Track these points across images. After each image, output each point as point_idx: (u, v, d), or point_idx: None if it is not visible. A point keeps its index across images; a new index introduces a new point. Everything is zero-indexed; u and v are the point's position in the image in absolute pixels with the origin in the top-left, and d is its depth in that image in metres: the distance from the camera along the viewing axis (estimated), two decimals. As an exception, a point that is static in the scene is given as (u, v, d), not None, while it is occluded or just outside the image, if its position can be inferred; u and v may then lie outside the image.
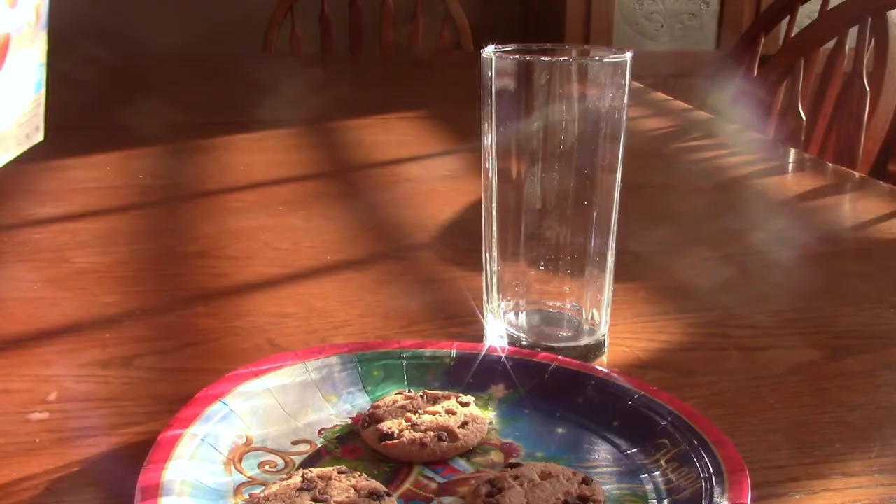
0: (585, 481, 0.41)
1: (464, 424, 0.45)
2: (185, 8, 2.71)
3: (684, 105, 1.45)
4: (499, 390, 0.50)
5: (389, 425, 0.45)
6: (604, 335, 0.56)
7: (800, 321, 0.63)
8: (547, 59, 0.51)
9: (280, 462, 0.44)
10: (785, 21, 1.51)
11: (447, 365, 0.51)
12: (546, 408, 0.48)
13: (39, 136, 0.48)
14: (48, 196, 0.91)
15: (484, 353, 0.51)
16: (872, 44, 1.31)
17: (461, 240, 0.78)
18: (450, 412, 0.46)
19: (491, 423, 0.47)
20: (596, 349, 0.56)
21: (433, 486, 0.42)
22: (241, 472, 0.42)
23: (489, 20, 2.67)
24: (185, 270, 0.72)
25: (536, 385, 0.49)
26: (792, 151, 1.18)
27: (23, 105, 0.47)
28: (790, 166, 1.11)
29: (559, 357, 0.51)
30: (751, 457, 0.43)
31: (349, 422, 0.47)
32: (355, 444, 0.45)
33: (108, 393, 0.52)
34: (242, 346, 0.58)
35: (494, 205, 0.54)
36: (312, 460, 0.44)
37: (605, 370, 0.50)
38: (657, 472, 0.42)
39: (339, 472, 0.41)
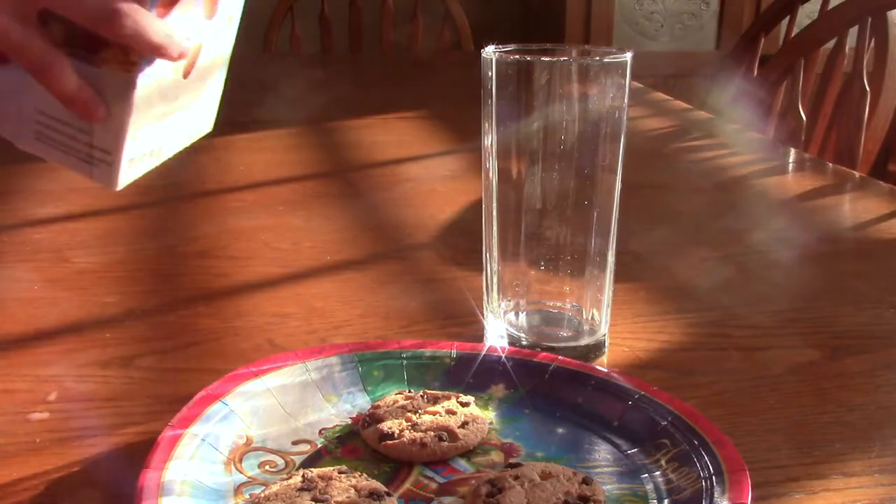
0: (586, 481, 0.41)
1: (464, 424, 0.45)
2: (185, 8, 2.71)
3: (684, 105, 1.45)
4: (499, 390, 0.50)
5: (390, 425, 0.45)
6: (604, 335, 0.56)
7: (800, 321, 0.63)
8: (547, 59, 0.51)
9: (280, 462, 0.44)
10: (785, 21, 1.51)
11: (447, 365, 0.51)
12: (546, 408, 0.48)
13: (209, 128, 0.50)
14: (48, 196, 0.91)
15: (484, 353, 0.51)
16: (872, 44, 1.31)
17: (461, 240, 0.78)
18: (450, 412, 0.46)
19: (491, 423, 0.47)
20: (596, 349, 0.56)
21: (433, 486, 0.42)
22: (241, 472, 0.42)
23: (489, 20, 2.67)
24: (185, 270, 0.72)
25: (537, 385, 0.49)
26: (792, 151, 1.18)
27: (203, 99, 0.49)
28: (790, 166, 1.11)
29: (559, 357, 0.51)
30: (751, 457, 0.43)
31: (349, 422, 0.47)
32: (355, 444, 0.45)
33: (108, 393, 0.52)
34: (242, 346, 0.58)
35: (494, 205, 0.54)
36: (313, 460, 0.44)
37: (605, 370, 0.50)
38: (657, 472, 0.42)
39: (339, 472, 0.41)
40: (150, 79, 0.43)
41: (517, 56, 0.51)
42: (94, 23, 0.41)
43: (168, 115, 0.46)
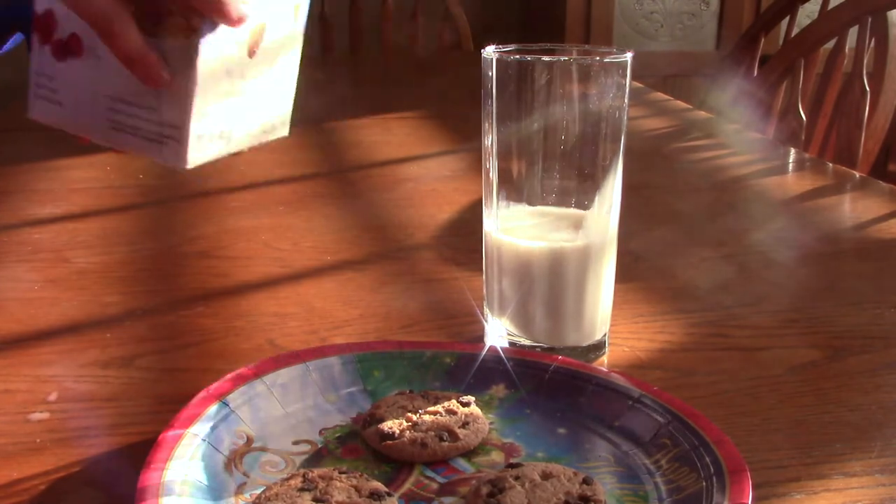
0: (586, 481, 0.41)
1: (464, 424, 0.45)
2: (185, 8, 2.70)
3: (684, 105, 1.45)
4: (500, 390, 0.50)
5: (390, 425, 0.45)
6: (604, 335, 0.56)
7: (800, 321, 0.63)
8: (547, 59, 0.51)
9: (281, 462, 0.43)
10: (785, 21, 1.51)
11: (447, 365, 0.51)
12: (547, 408, 0.48)
13: (285, 132, 0.51)
14: (48, 196, 0.91)
15: (484, 353, 0.51)
16: (872, 44, 1.31)
17: (461, 240, 0.78)
18: (450, 412, 0.46)
19: (492, 423, 0.47)
20: (596, 349, 0.56)
21: (434, 486, 0.42)
22: (241, 473, 0.42)
23: (489, 20, 2.67)
24: (185, 270, 0.72)
25: (537, 385, 0.49)
26: (792, 151, 1.18)
27: (273, 91, 0.50)
28: (790, 166, 1.11)
29: (560, 357, 0.51)
30: (751, 457, 0.43)
31: (350, 422, 0.47)
32: (356, 444, 0.45)
33: (108, 393, 0.52)
34: (243, 346, 0.58)
35: (495, 205, 0.54)
36: (313, 460, 0.44)
37: (606, 370, 0.50)
38: (658, 472, 0.42)
39: (339, 473, 0.41)
40: (214, 48, 0.44)
41: (517, 56, 0.51)
42: None
43: (235, 95, 0.46)
